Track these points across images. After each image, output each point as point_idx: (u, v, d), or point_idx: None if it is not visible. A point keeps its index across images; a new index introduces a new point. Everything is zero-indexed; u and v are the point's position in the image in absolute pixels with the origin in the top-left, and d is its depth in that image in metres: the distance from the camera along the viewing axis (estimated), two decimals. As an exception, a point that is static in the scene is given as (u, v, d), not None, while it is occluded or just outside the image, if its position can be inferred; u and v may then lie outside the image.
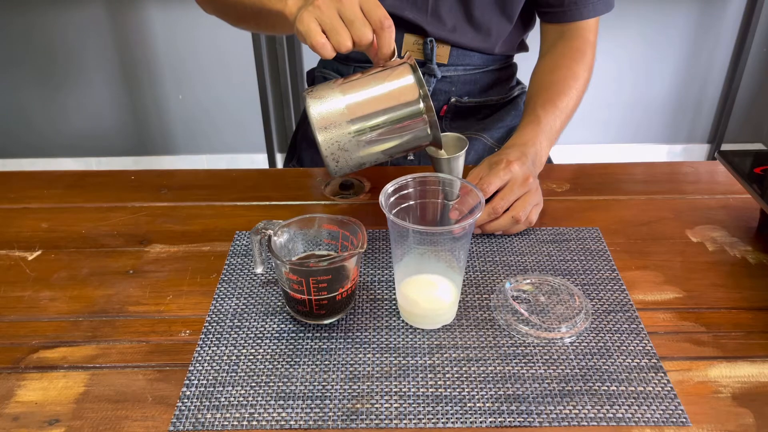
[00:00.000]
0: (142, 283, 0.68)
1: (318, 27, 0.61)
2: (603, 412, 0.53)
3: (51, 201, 0.83)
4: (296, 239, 0.64)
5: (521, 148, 0.76)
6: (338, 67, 1.01)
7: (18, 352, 0.60)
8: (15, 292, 0.68)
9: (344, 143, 0.63)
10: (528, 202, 0.72)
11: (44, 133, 2.30)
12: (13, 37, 2.12)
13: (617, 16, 2.12)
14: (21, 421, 0.53)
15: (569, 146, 2.31)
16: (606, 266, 0.70)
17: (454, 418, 0.53)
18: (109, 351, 0.60)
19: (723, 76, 2.25)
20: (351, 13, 0.61)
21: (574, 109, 0.87)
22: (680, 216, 0.79)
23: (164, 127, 2.30)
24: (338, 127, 0.63)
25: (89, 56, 2.16)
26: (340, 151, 0.64)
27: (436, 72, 0.94)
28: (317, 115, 0.63)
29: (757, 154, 0.78)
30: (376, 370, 0.57)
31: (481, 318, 0.63)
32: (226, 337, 0.61)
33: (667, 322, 0.63)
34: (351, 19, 0.61)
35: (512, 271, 0.69)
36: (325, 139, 0.63)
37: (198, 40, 2.12)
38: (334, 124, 0.63)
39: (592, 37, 0.93)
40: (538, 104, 0.84)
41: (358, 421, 0.53)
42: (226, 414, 0.54)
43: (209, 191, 0.85)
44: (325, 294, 0.59)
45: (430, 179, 0.65)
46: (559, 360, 0.58)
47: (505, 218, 0.72)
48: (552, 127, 0.82)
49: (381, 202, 0.60)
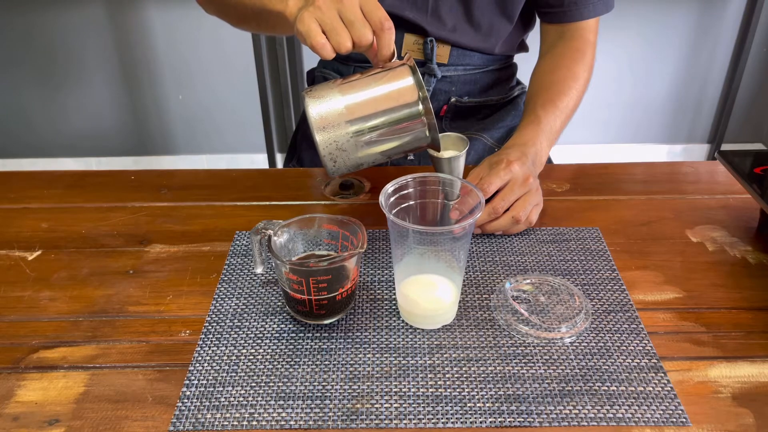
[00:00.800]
0: (142, 283, 0.68)
1: (318, 27, 0.61)
2: (603, 412, 0.53)
3: (51, 201, 0.83)
4: (296, 239, 0.64)
5: (521, 148, 0.76)
6: (338, 67, 1.01)
7: (18, 352, 0.60)
8: (15, 292, 0.68)
9: (342, 143, 0.63)
10: (528, 202, 0.72)
11: (44, 133, 2.30)
12: (13, 37, 2.12)
13: (617, 16, 2.11)
14: (21, 421, 0.53)
15: (569, 146, 2.31)
16: (606, 266, 0.70)
17: (454, 418, 0.53)
18: (109, 351, 0.60)
19: (723, 76, 2.25)
20: (351, 14, 0.61)
21: (574, 109, 0.87)
22: (680, 216, 0.79)
23: (164, 127, 2.30)
24: (336, 128, 0.63)
25: (89, 56, 2.16)
26: (338, 151, 0.64)
27: (436, 72, 0.94)
28: (316, 114, 0.63)
29: (757, 154, 0.78)
30: (376, 370, 0.57)
31: (481, 318, 0.63)
32: (226, 337, 0.61)
33: (667, 322, 0.63)
34: (351, 20, 0.61)
35: (512, 271, 0.69)
36: (324, 139, 0.63)
37: (198, 41, 2.12)
38: (333, 124, 0.63)
39: (592, 37, 0.93)
40: (539, 104, 0.84)
41: (358, 421, 0.53)
42: (226, 414, 0.54)
43: (209, 191, 0.85)
44: (325, 294, 0.59)
45: (430, 179, 0.65)
46: (559, 360, 0.58)
47: (506, 218, 0.72)
48: (552, 127, 0.82)
49: (381, 202, 0.60)
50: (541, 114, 0.82)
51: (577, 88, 0.88)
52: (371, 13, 0.61)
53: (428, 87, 0.94)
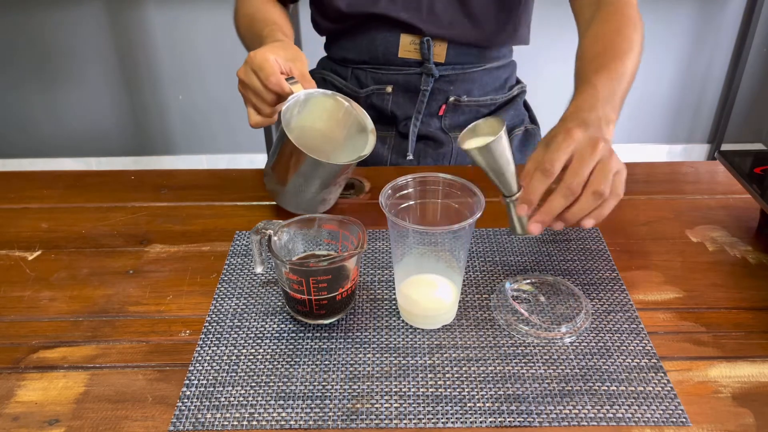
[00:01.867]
0: (142, 283, 0.68)
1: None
2: (603, 412, 0.53)
3: (51, 201, 0.83)
4: (296, 239, 0.64)
5: (579, 114, 0.64)
6: (336, 68, 1.01)
7: (18, 352, 0.60)
8: (15, 292, 0.68)
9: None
10: (607, 170, 0.58)
11: (44, 133, 2.30)
12: (13, 37, 2.12)
13: (617, 16, 2.12)
14: (21, 421, 0.53)
15: (569, 146, 2.31)
16: (606, 266, 0.70)
17: (454, 418, 0.53)
18: (109, 351, 0.60)
19: (723, 76, 2.25)
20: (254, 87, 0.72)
21: (634, 73, 0.74)
22: (680, 216, 0.79)
23: (164, 127, 2.30)
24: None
25: (89, 56, 2.16)
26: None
27: (434, 71, 0.94)
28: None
29: (757, 154, 0.78)
30: (376, 370, 0.57)
31: (481, 318, 0.63)
32: (226, 337, 0.61)
33: (667, 322, 0.63)
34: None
35: (512, 271, 0.69)
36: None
37: (198, 41, 2.12)
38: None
39: (635, 7, 0.81)
40: (591, 71, 0.71)
41: (358, 421, 0.53)
42: (226, 414, 0.54)
43: (209, 191, 0.85)
44: (325, 294, 0.59)
45: (430, 179, 0.65)
46: (559, 360, 0.58)
47: (586, 196, 0.58)
48: (613, 91, 0.69)
49: (381, 202, 0.60)
50: (595, 80, 0.69)
51: (634, 50, 0.74)
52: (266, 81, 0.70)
53: (426, 86, 0.95)
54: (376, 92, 0.96)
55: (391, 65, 0.95)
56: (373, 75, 0.96)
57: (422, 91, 0.95)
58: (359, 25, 0.94)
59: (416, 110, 0.96)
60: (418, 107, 0.96)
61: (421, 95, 0.95)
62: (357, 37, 0.96)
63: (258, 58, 0.71)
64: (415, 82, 0.95)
